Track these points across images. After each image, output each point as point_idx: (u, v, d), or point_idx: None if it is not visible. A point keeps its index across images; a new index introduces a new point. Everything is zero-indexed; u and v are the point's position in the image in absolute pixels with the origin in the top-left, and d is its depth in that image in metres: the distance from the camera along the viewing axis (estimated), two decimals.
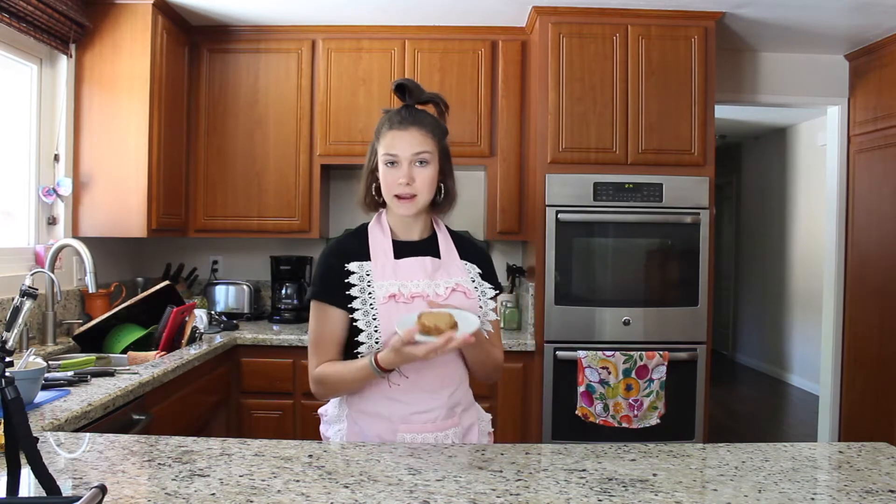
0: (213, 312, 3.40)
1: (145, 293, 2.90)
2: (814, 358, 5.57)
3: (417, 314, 1.43)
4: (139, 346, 2.78)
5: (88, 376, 2.12)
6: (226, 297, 3.74)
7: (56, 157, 3.07)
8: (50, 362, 2.25)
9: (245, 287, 3.75)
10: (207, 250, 3.95)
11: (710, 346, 3.25)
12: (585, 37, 3.24)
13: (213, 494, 1.17)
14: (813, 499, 1.20)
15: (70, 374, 2.11)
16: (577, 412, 3.14)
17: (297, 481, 1.24)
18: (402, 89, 1.61)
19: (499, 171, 3.53)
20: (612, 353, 3.13)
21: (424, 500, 1.17)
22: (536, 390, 3.22)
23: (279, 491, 1.19)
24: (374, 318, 1.52)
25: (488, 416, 1.77)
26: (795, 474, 1.32)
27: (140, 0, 3.12)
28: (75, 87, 3.13)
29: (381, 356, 1.46)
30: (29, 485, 1.17)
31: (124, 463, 1.33)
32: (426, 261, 1.60)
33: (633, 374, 3.12)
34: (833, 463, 1.43)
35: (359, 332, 1.54)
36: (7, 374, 1.07)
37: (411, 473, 1.29)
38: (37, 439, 1.12)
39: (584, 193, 3.22)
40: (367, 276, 1.56)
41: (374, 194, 1.65)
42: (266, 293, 3.90)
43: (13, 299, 1.61)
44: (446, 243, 1.66)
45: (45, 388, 1.93)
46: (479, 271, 1.66)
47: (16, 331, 1.30)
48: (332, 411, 1.69)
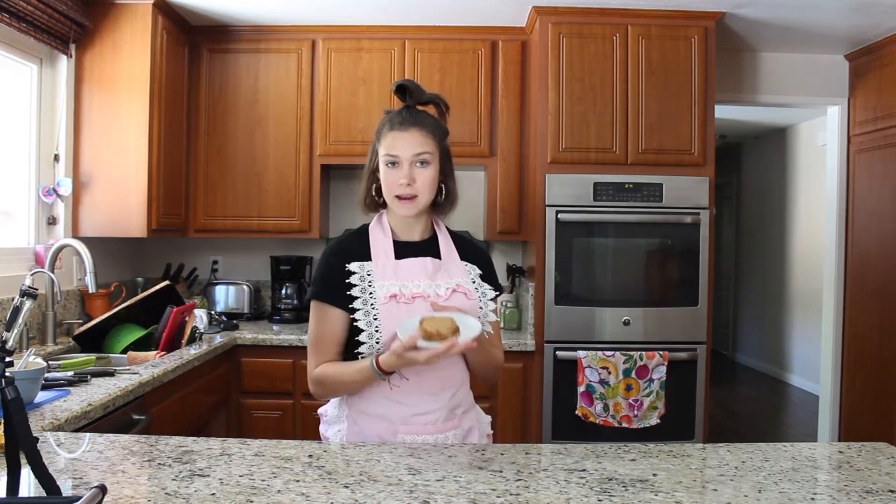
0: (213, 312, 3.40)
1: (145, 293, 2.90)
2: (814, 358, 5.57)
3: (419, 319, 1.43)
4: (139, 346, 2.78)
5: (88, 376, 2.12)
6: (226, 297, 3.74)
7: (56, 157, 3.07)
8: (50, 362, 2.25)
9: (245, 287, 3.75)
10: (207, 250, 3.95)
11: (710, 346, 3.25)
12: (585, 37, 3.24)
13: (213, 494, 1.17)
14: (813, 499, 1.20)
15: (70, 374, 2.11)
16: (577, 412, 3.14)
17: (297, 481, 1.24)
18: (402, 90, 1.61)
19: (499, 171, 3.54)
20: (612, 353, 3.13)
21: (424, 500, 1.17)
22: (536, 390, 3.22)
23: (279, 491, 1.19)
24: (374, 318, 1.53)
25: (488, 419, 1.77)
26: (795, 474, 1.32)
27: (140, 0, 3.12)
28: (75, 87, 3.13)
29: (382, 359, 1.46)
30: (29, 485, 1.17)
31: (124, 463, 1.33)
32: (427, 261, 1.60)
33: (633, 374, 3.12)
34: (833, 463, 1.43)
35: (359, 331, 1.54)
36: (7, 374, 1.07)
37: (411, 473, 1.29)
38: (37, 439, 1.12)
39: (584, 193, 3.22)
40: (368, 276, 1.57)
41: (374, 195, 1.65)
42: (266, 293, 3.90)
43: (13, 299, 1.61)
44: (447, 244, 1.66)
45: (45, 388, 1.93)
46: (480, 272, 1.67)
47: (16, 331, 1.30)
48: (331, 411, 1.69)
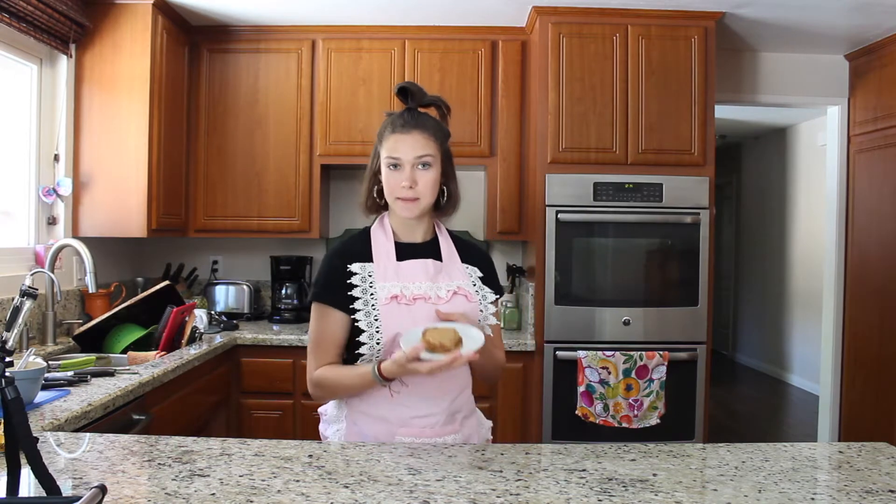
0: (213, 312, 3.40)
1: (145, 293, 2.90)
2: (814, 358, 5.56)
3: (422, 330, 1.44)
4: (139, 346, 2.78)
5: (88, 376, 2.12)
6: (226, 297, 3.74)
7: (56, 157, 3.07)
8: (50, 362, 2.25)
9: (245, 287, 3.75)
10: (207, 250, 3.95)
11: (710, 346, 3.25)
12: (585, 37, 3.24)
13: (213, 494, 1.17)
14: (813, 499, 1.20)
15: (70, 374, 2.11)
16: (577, 412, 3.14)
17: (297, 481, 1.24)
18: (404, 92, 1.61)
19: (499, 171, 3.53)
20: (612, 353, 3.13)
21: (424, 500, 1.17)
22: (536, 390, 3.22)
23: (279, 491, 1.19)
24: (375, 319, 1.53)
25: (489, 424, 1.78)
26: (795, 474, 1.32)
27: (140, 0, 3.12)
28: (75, 87, 3.13)
29: (384, 366, 1.46)
30: (29, 485, 1.17)
31: (124, 463, 1.33)
32: (428, 263, 1.61)
33: (633, 374, 3.12)
34: (833, 463, 1.43)
35: (360, 332, 1.54)
36: (7, 374, 1.07)
37: (411, 473, 1.29)
38: (37, 439, 1.12)
39: (584, 193, 3.22)
40: (370, 277, 1.57)
41: (376, 197, 1.65)
42: (266, 293, 3.90)
43: (13, 299, 1.61)
44: (448, 246, 1.67)
45: (45, 388, 1.93)
46: (481, 275, 1.67)
47: (16, 331, 1.30)
48: (331, 411, 1.69)
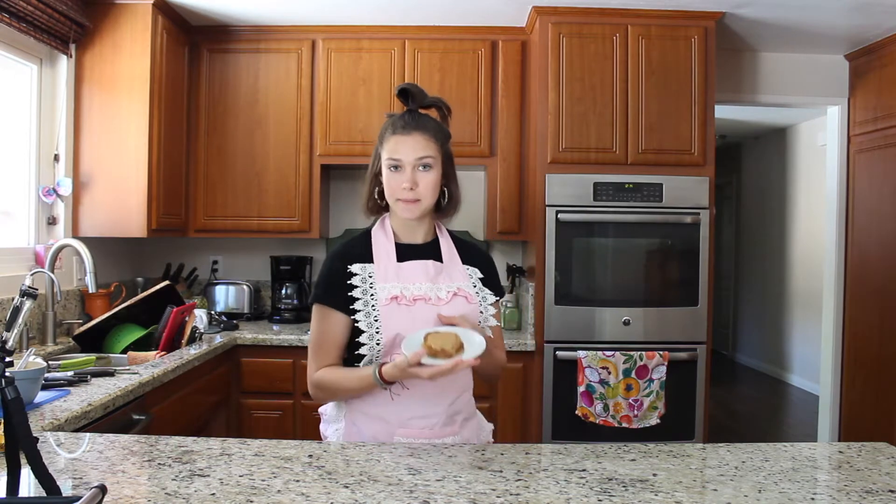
0: (213, 312, 3.40)
1: (145, 293, 2.90)
2: (814, 358, 5.56)
3: (423, 334, 1.44)
4: (139, 346, 2.78)
5: (88, 376, 2.12)
6: (226, 297, 3.74)
7: (56, 157, 3.07)
8: (50, 362, 2.25)
9: (245, 287, 3.75)
10: (207, 250, 3.95)
11: (710, 346, 3.25)
12: (585, 37, 3.24)
13: (213, 494, 1.17)
14: (813, 499, 1.20)
15: (70, 374, 2.11)
16: (577, 412, 3.14)
17: (297, 481, 1.24)
18: (405, 94, 1.61)
19: (499, 171, 3.53)
20: (612, 353, 3.13)
21: (424, 500, 1.17)
22: (536, 390, 3.22)
23: (279, 491, 1.19)
24: (375, 320, 1.53)
25: (490, 427, 1.78)
26: (795, 474, 1.32)
27: (140, 0, 3.12)
28: (75, 87, 3.13)
29: (385, 370, 1.47)
30: (29, 485, 1.17)
31: (124, 463, 1.33)
32: (428, 264, 1.61)
33: (633, 374, 3.12)
34: (833, 463, 1.43)
35: (360, 333, 1.54)
36: (7, 374, 1.07)
37: (411, 473, 1.29)
38: (37, 439, 1.12)
39: (584, 193, 3.22)
40: (370, 277, 1.57)
41: (377, 198, 1.65)
42: (266, 293, 3.90)
43: (13, 299, 1.61)
44: (448, 248, 1.67)
45: (45, 388, 1.93)
46: (482, 276, 1.67)
47: (16, 331, 1.30)
48: (331, 411, 1.70)
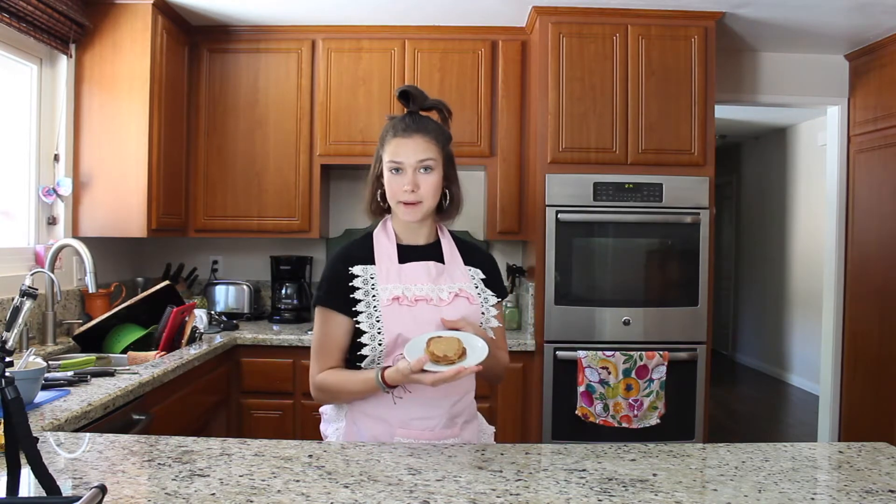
0: (213, 312, 3.40)
1: (145, 293, 2.90)
2: (814, 358, 5.57)
3: (426, 339, 1.44)
4: (139, 346, 2.78)
5: (88, 376, 2.12)
6: (226, 297, 3.74)
7: (56, 157, 3.07)
8: (50, 362, 2.25)
9: (245, 287, 3.75)
10: (207, 250, 3.95)
11: (710, 346, 3.25)
12: (585, 37, 3.24)
13: (213, 494, 1.17)
14: (813, 499, 1.20)
15: (70, 374, 2.11)
16: (577, 412, 3.14)
17: (297, 481, 1.24)
18: (405, 96, 1.62)
19: (499, 171, 3.53)
20: (612, 353, 3.13)
21: (424, 500, 1.17)
22: (536, 390, 3.22)
23: (279, 491, 1.19)
24: (377, 321, 1.53)
25: (491, 430, 1.78)
26: (795, 474, 1.32)
27: (140, 0, 3.12)
28: (75, 87, 3.13)
29: (388, 374, 1.47)
30: (29, 485, 1.17)
31: (124, 463, 1.33)
32: (430, 265, 1.61)
33: (633, 374, 3.12)
34: (833, 463, 1.43)
35: (362, 334, 1.55)
36: (7, 374, 1.07)
37: (411, 473, 1.29)
38: (37, 439, 1.12)
39: (584, 193, 3.22)
40: (372, 279, 1.58)
41: (379, 200, 1.65)
42: (266, 293, 3.90)
43: (13, 299, 1.61)
44: (450, 249, 1.67)
45: (45, 388, 1.93)
46: (483, 277, 1.67)
47: (16, 331, 1.30)
48: (331, 410, 1.70)
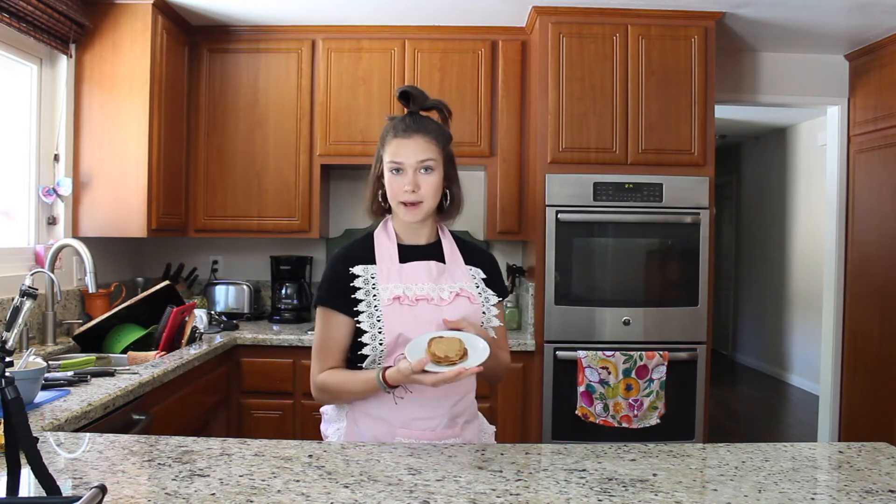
0: (213, 312, 3.40)
1: (145, 293, 2.90)
2: (814, 358, 5.56)
3: (427, 339, 1.44)
4: (139, 346, 2.78)
5: (88, 376, 2.12)
6: (226, 297, 3.74)
7: (56, 157, 3.07)
8: (50, 362, 2.25)
9: (245, 287, 3.75)
10: (207, 250, 3.95)
11: (710, 346, 3.25)
12: (585, 37, 3.24)
13: (213, 494, 1.17)
14: (813, 499, 1.20)
15: (70, 374, 2.11)
16: (577, 412, 3.14)
17: (297, 481, 1.24)
18: (406, 96, 1.62)
19: (499, 171, 3.53)
20: (612, 353, 3.13)
21: (424, 500, 1.17)
22: (536, 390, 3.22)
23: (279, 491, 1.19)
24: (378, 320, 1.54)
25: (492, 429, 1.78)
26: (795, 474, 1.32)
27: (140, 0, 3.12)
28: (75, 87, 3.13)
29: (389, 374, 1.47)
30: (29, 485, 1.17)
31: (124, 463, 1.33)
32: (431, 265, 1.61)
33: (633, 374, 3.12)
34: (833, 463, 1.43)
35: (363, 333, 1.55)
36: (7, 374, 1.07)
37: (411, 473, 1.29)
38: (37, 439, 1.12)
39: (584, 193, 3.22)
40: (373, 279, 1.58)
41: (380, 201, 1.66)
42: (266, 293, 3.90)
43: (13, 299, 1.61)
44: (451, 249, 1.67)
45: (45, 388, 1.93)
46: (484, 276, 1.67)
47: (16, 331, 1.30)
48: (332, 410, 1.70)
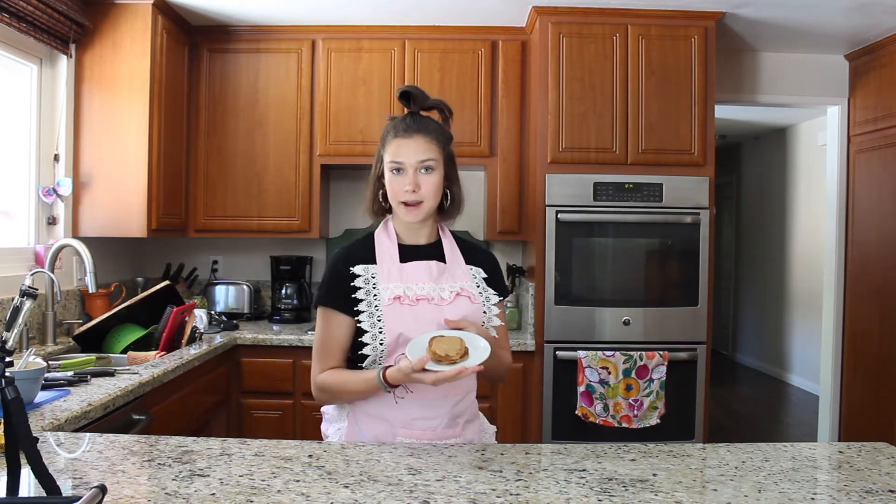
0: (213, 312, 3.40)
1: (145, 293, 2.90)
2: (814, 358, 5.56)
3: (428, 338, 1.44)
4: (139, 346, 2.78)
5: (88, 376, 2.12)
6: (226, 297, 3.74)
7: (56, 157, 3.07)
8: (50, 362, 2.25)
9: (245, 287, 3.75)
10: (207, 250, 3.95)
11: (710, 346, 3.25)
12: (585, 37, 3.24)
13: (213, 494, 1.17)
14: (813, 499, 1.20)
15: (70, 374, 2.11)
16: (577, 412, 3.14)
17: (297, 481, 1.24)
18: (406, 96, 1.62)
19: (499, 171, 3.53)
20: (612, 353, 3.13)
21: (424, 500, 1.17)
22: (536, 390, 3.22)
23: (279, 491, 1.19)
24: (378, 320, 1.54)
25: (493, 429, 1.78)
26: (795, 474, 1.32)
27: (140, 0, 3.12)
28: (75, 87, 3.13)
29: (389, 374, 1.47)
30: (29, 485, 1.17)
31: (124, 463, 1.33)
32: (431, 265, 1.61)
33: (633, 374, 3.12)
34: (833, 463, 1.43)
35: (363, 333, 1.55)
36: (7, 374, 1.07)
37: (411, 473, 1.29)
38: (37, 439, 1.12)
39: (584, 193, 3.22)
40: (373, 278, 1.58)
41: (381, 201, 1.66)
42: (266, 293, 3.90)
43: (13, 299, 1.61)
44: (451, 248, 1.67)
45: (45, 388, 1.93)
46: (485, 276, 1.67)
47: (16, 331, 1.30)
48: (333, 410, 1.70)
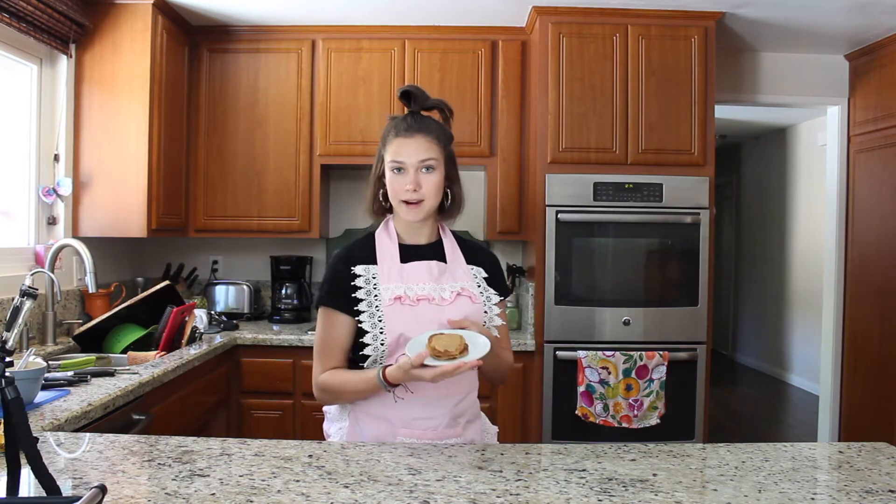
0: (213, 312, 3.40)
1: (145, 293, 2.90)
2: (814, 358, 5.57)
3: (428, 336, 1.44)
4: (139, 346, 2.78)
5: (88, 376, 2.12)
6: (226, 297, 3.74)
7: (56, 157, 3.07)
8: (50, 362, 2.25)
9: (245, 287, 3.75)
10: (207, 250, 3.95)
11: (710, 346, 3.25)
12: (585, 37, 3.24)
13: (213, 494, 1.17)
14: (813, 499, 1.20)
15: (70, 374, 2.11)
16: (577, 412, 3.14)
17: (297, 481, 1.24)
18: (407, 96, 1.62)
19: (499, 171, 3.53)
20: (612, 353, 3.13)
21: (424, 500, 1.17)
22: (536, 390, 3.22)
23: (279, 491, 1.19)
24: (379, 320, 1.54)
25: (494, 430, 1.78)
26: (795, 474, 1.32)
27: (140, 0, 3.12)
28: (75, 87, 3.13)
29: (389, 371, 1.47)
30: (29, 485, 1.17)
31: (124, 463, 1.33)
32: (432, 265, 1.61)
33: (633, 374, 3.12)
34: (833, 463, 1.43)
35: (364, 334, 1.55)
36: (7, 374, 1.07)
37: (411, 473, 1.29)
38: (37, 439, 1.12)
39: (584, 193, 3.22)
40: (374, 278, 1.58)
41: (381, 200, 1.66)
42: (266, 293, 3.90)
43: (13, 299, 1.61)
44: (452, 248, 1.67)
45: (45, 388, 1.93)
46: (486, 276, 1.67)
47: (16, 331, 1.30)
48: (335, 409, 1.70)
